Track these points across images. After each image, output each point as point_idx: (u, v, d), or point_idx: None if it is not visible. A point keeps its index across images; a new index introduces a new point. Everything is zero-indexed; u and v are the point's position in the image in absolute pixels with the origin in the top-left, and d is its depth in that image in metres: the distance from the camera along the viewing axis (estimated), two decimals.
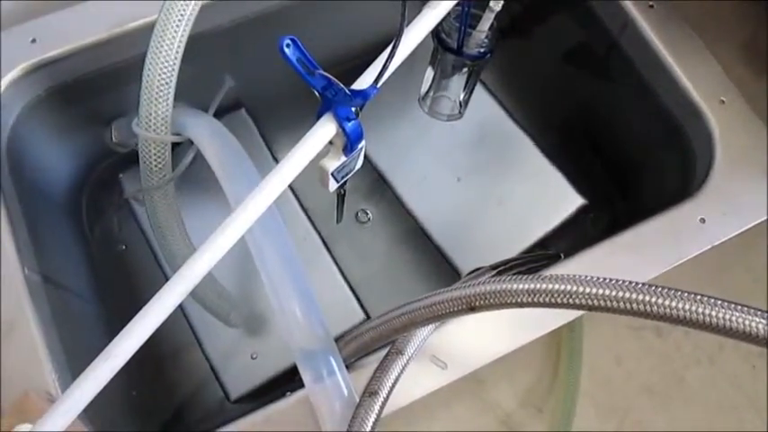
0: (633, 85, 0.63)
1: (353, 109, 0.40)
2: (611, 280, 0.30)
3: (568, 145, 0.75)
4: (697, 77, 0.58)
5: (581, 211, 0.70)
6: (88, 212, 0.69)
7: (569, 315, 0.50)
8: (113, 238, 0.70)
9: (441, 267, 0.70)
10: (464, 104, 0.64)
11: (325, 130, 0.40)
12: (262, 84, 0.72)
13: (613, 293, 0.30)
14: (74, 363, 0.48)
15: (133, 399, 0.60)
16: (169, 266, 0.58)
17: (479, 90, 0.74)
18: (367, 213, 0.48)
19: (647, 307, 0.29)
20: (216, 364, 0.65)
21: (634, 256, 0.51)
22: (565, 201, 0.70)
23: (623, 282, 0.30)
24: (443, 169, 0.73)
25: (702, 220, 0.52)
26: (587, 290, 0.30)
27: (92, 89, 0.60)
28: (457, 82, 0.62)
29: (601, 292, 0.30)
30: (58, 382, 0.45)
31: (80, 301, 0.59)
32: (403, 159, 0.73)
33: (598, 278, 0.31)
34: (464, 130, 0.73)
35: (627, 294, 0.29)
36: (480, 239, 0.69)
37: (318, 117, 0.41)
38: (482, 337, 0.48)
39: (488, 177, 0.72)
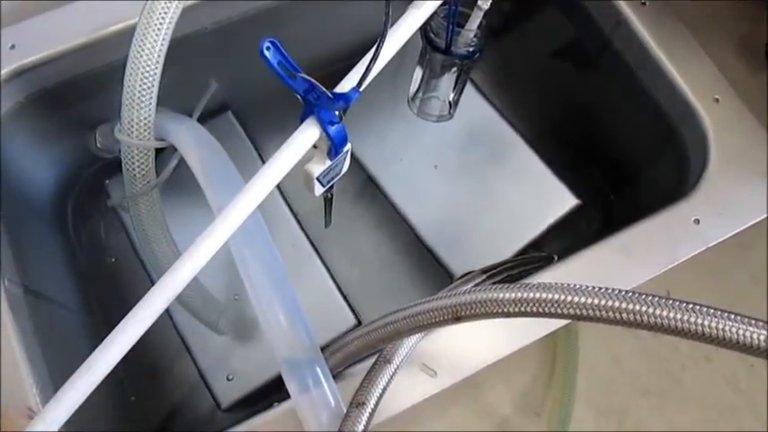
0: (626, 84, 0.62)
1: (337, 112, 0.39)
2: (600, 288, 0.29)
3: (561, 144, 0.74)
4: (691, 76, 0.57)
5: (575, 212, 0.69)
6: (74, 220, 0.68)
7: (562, 320, 0.48)
8: (100, 247, 0.69)
9: (433, 269, 0.69)
10: (454, 105, 0.64)
11: (308, 134, 0.39)
12: (248, 86, 0.71)
13: (602, 302, 0.29)
14: (58, 376, 0.47)
15: (121, 407, 0.60)
16: (155, 274, 0.58)
17: (469, 90, 0.73)
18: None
19: (638, 317, 0.28)
20: (206, 372, 0.64)
21: (628, 258, 0.50)
22: (558, 201, 0.69)
23: (613, 290, 0.29)
24: (434, 171, 0.72)
25: (697, 221, 0.51)
26: (575, 299, 0.29)
27: (74, 94, 0.59)
28: (446, 82, 0.61)
29: (589, 301, 0.29)
30: (40, 397, 0.44)
31: (65, 313, 0.58)
32: (392, 161, 0.72)
33: (587, 287, 0.29)
34: (455, 131, 0.72)
35: (616, 303, 0.28)
36: (473, 240, 0.69)
37: (301, 121, 0.40)
38: (474, 343, 0.47)
39: (480, 178, 0.71)
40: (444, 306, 0.32)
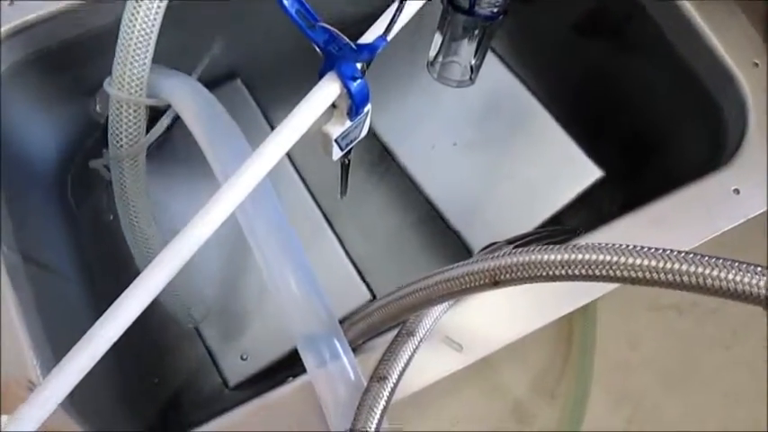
0: (657, 49, 0.59)
1: (359, 66, 0.37)
2: (656, 249, 0.27)
3: (585, 114, 0.71)
4: (728, 38, 0.53)
5: (598, 185, 0.66)
6: (74, 188, 0.65)
7: (600, 290, 0.46)
8: (101, 216, 0.67)
9: (450, 244, 0.67)
10: (475, 70, 0.61)
11: (328, 90, 0.37)
12: (259, 51, 0.68)
13: (662, 265, 0.26)
14: (59, 348, 0.45)
15: (128, 386, 0.58)
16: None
17: (490, 57, 0.71)
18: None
19: (703, 280, 0.25)
20: (214, 350, 0.63)
21: (662, 231, 0.47)
22: (581, 173, 0.66)
23: (672, 251, 0.26)
24: (453, 141, 0.69)
25: (736, 191, 0.48)
26: (630, 260, 0.26)
27: (77, 54, 0.56)
28: (468, 46, 0.58)
29: (646, 263, 0.26)
30: (40, 369, 0.42)
31: (66, 282, 0.56)
32: (409, 130, 0.70)
33: (642, 247, 0.27)
34: (475, 100, 0.70)
35: (677, 266, 0.26)
36: (492, 214, 0.66)
37: (320, 77, 0.37)
38: (500, 316, 0.45)
39: (500, 149, 0.69)
40: (481, 269, 0.29)
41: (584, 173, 0.66)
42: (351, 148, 0.43)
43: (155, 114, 0.49)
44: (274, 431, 0.42)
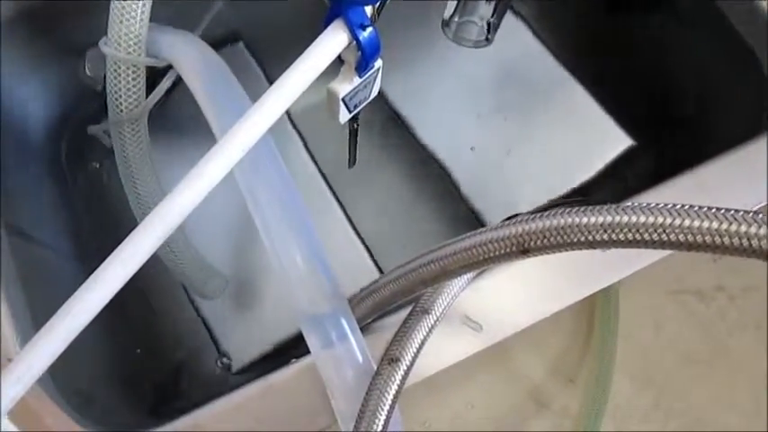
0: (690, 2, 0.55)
1: (369, 12, 0.34)
2: (717, 209, 0.23)
3: (613, 79, 0.67)
4: None
5: (625, 157, 0.63)
6: (69, 158, 0.63)
7: (622, 271, 0.42)
8: (97, 188, 0.65)
9: (467, 219, 0.64)
10: (494, 29, 0.57)
11: (335, 41, 0.34)
12: (264, 13, 0.65)
13: (724, 227, 0.22)
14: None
15: (126, 371, 0.56)
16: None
17: (510, 18, 0.67)
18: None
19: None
20: (216, 333, 0.61)
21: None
22: (609, 142, 0.63)
23: (736, 212, 0.22)
24: (471, 108, 0.66)
25: None
26: (687, 222, 0.22)
27: (71, 11, 0.53)
28: (486, 5, 0.55)
29: (706, 225, 0.22)
30: (21, 348, 0.39)
31: (56, 258, 0.54)
32: (424, 96, 0.66)
33: (699, 207, 0.23)
34: (495, 64, 0.67)
35: (743, 228, 0.22)
36: (511, 187, 0.63)
37: (326, 25, 0.34)
38: (520, 297, 0.42)
39: (522, 116, 0.65)
40: (508, 235, 0.25)
41: (612, 141, 0.63)
42: (359, 111, 0.41)
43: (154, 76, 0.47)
44: (277, 415, 0.40)
